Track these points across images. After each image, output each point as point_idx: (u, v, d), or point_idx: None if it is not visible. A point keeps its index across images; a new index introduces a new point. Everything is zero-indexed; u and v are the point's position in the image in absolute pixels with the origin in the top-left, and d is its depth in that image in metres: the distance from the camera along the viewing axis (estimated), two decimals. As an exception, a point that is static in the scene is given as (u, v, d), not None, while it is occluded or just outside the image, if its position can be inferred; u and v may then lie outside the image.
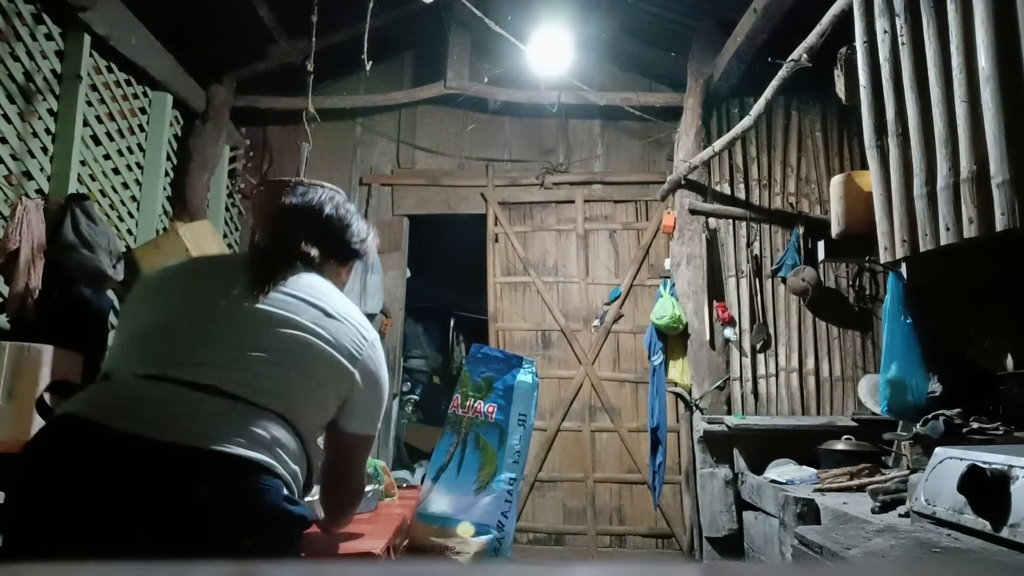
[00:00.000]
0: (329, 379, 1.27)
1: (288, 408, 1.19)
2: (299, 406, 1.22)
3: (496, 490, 3.00)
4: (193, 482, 1.04)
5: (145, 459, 1.03)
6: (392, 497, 3.18)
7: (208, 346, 1.19)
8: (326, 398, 1.28)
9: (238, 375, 1.16)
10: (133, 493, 1.02)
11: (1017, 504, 1.53)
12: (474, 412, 3.19)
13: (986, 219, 1.96)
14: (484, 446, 3.10)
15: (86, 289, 3.10)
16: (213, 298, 1.26)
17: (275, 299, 1.24)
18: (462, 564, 2.20)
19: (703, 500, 4.16)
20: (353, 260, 1.54)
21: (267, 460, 1.11)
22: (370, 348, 1.34)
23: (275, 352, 1.21)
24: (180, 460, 1.04)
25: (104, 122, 3.58)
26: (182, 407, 1.10)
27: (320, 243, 1.42)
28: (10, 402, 2.42)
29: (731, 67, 4.18)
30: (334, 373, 1.27)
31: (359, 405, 1.33)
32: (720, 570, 0.51)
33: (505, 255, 4.88)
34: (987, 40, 1.94)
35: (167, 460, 1.04)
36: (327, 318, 1.28)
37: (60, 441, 1.07)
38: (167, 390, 1.12)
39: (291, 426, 1.19)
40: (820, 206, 4.43)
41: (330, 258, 1.45)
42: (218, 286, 1.28)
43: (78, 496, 1.02)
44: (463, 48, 4.86)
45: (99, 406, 1.10)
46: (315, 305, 1.28)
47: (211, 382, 1.13)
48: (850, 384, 4.25)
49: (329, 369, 1.26)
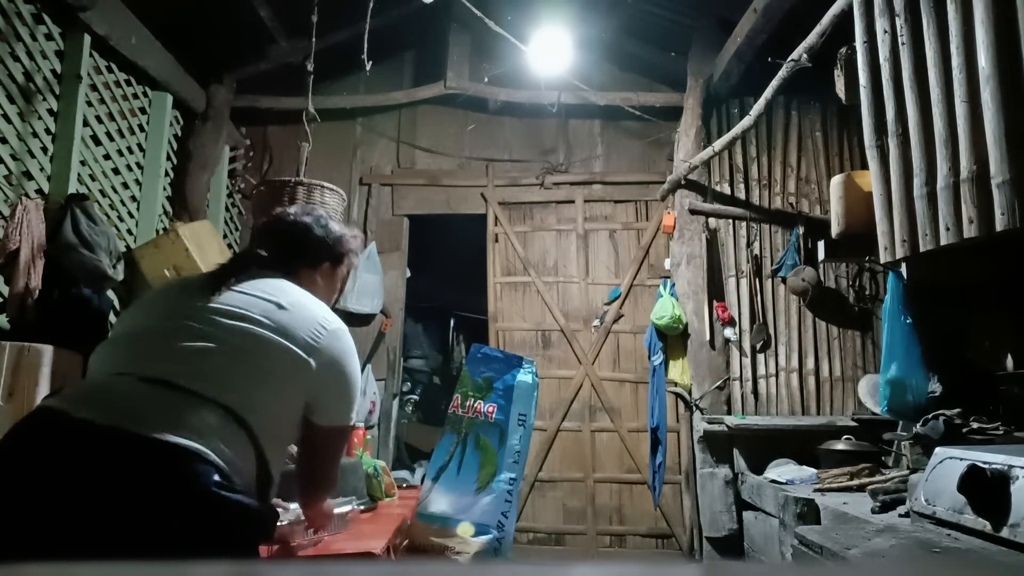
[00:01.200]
0: (283, 370, 1.29)
1: (238, 400, 1.22)
2: (250, 398, 1.24)
3: (496, 490, 3.00)
4: (123, 464, 1.09)
5: (91, 443, 1.11)
6: (392, 497, 3.19)
7: (166, 344, 1.27)
8: (282, 390, 1.30)
9: (185, 367, 1.22)
10: (78, 476, 1.08)
11: (1017, 504, 1.53)
12: (474, 412, 3.19)
13: (986, 219, 1.96)
14: (484, 446, 3.10)
15: (86, 289, 3.10)
16: (179, 304, 1.36)
17: (228, 297, 1.32)
18: (462, 564, 2.20)
19: (703, 500, 4.16)
20: (325, 263, 1.56)
21: (195, 446, 1.12)
22: (331, 336, 1.35)
23: (224, 344, 1.26)
24: (116, 444, 1.10)
25: (104, 122, 3.58)
26: (131, 398, 1.18)
27: (283, 248, 1.50)
28: (10, 402, 2.42)
29: (731, 67, 4.18)
30: (289, 364, 1.29)
31: (325, 396, 1.36)
32: (720, 570, 0.51)
33: (505, 255, 4.88)
34: (987, 40, 1.94)
35: (107, 444, 1.10)
36: (280, 310, 1.32)
37: (28, 430, 1.16)
38: (124, 382, 1.21)
39: (238, 417, 1.21)
40: (820, 206, 4.43)
41: (297, 262, 1.50)
42: (186, 294, 1.37)
43: (35, 479, 1.09)
44: (463, 48, 4.86)
45: (69, 398, 1.19)
46: (268, 300, 1.33)
47: (160, 375, 1.20)
48: (850, 384, 4.25)
49: (282, 360, 1.29)
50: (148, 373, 1.21)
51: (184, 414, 1.16)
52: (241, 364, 1.26)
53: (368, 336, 4.77)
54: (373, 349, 4.76)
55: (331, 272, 1.59)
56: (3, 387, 2.42)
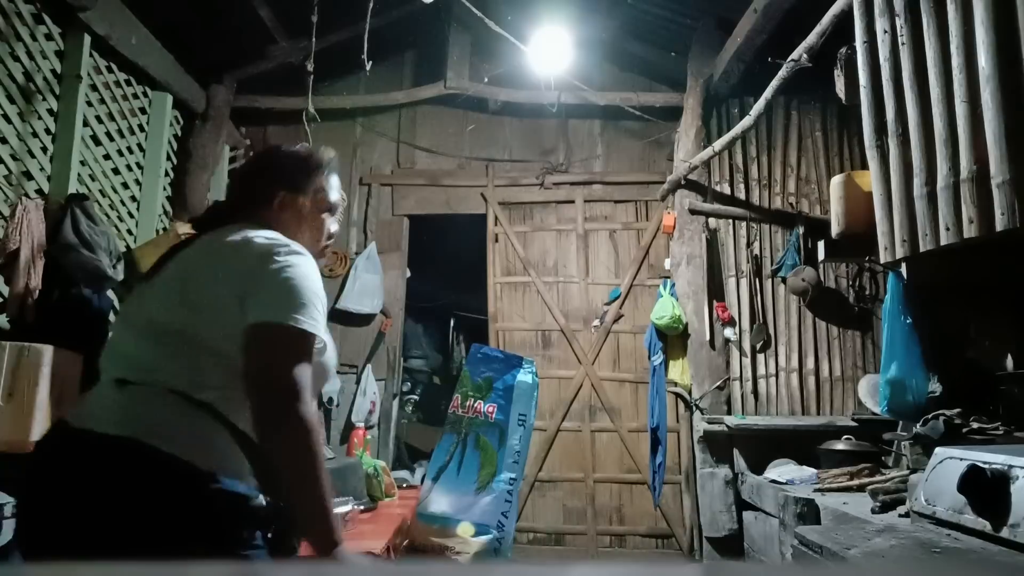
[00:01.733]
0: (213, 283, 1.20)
1: (176, 373, 1.17)
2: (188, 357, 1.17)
3: (496, 490, 3.01)
4: (83, 463, 1.12)
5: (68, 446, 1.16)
6: (392, 497, 3.19)
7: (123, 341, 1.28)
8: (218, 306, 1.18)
9: (125, 360, 1.23)
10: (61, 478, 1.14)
11: (1017, 504, 1.53)
12: (474, 412, 3.19)
13: (986, 219, 1.96)
14: (484, 446, 3.11)
15: (86, 289, 3.10)
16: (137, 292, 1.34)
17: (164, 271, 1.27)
18: (462, 564, 2.20)
19: (703, 500, 4.16)
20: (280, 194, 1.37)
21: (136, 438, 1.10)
22: (262, 238, 1.23)
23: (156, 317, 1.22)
24: (81, 444, 1.14)
25: (104, 122, 3.58)
26: (100, 400, 1.22)
27: (232, 197, 1.48)
28: (10, 402, 2.42)
29: (731, 67, 4.18)
30: (218, 273, 1.21)
31: (255, 287, 1.17)
32: (720, 570, 0.51)
33: (505, 255, 4.88)
34: (987, 40, 1.94)
35: (79, 448, 1.14)
36: (210, 246, 1.27)
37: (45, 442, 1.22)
38: (104, 386, 1.23)
39: (186, 396, 1.15)
40: (820, 206, 4.42)
41: (250, 207, 1.36)
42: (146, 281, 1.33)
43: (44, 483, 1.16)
44: (463, 48, 4.86)
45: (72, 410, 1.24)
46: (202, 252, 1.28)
47: (119, 374, 1.21)
48: (850, 384, 4.25)
49: (210, 274, 1.21)
50: (113, 374, 1.21)
51: (129, 406, 1.16)
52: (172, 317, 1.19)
53: (368, 336, 4.77)
54: (373, 349, 4.76)
55: (293, 203, 1.37)
56: (3, 387, 2.42)
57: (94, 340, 3.15)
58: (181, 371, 1.17)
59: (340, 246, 4.79)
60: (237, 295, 1.17)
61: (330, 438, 4.63)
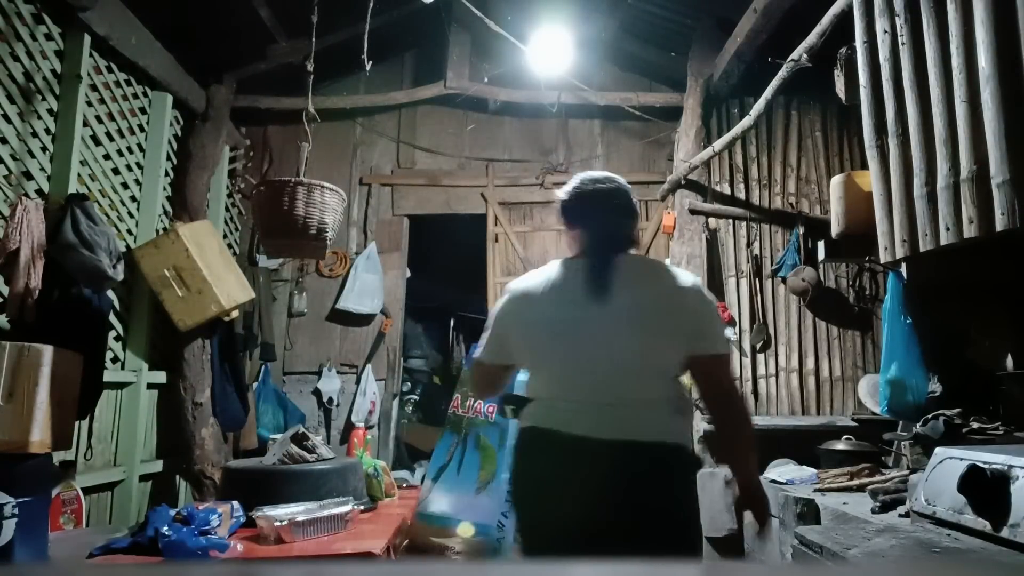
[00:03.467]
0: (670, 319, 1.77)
1: (665, 391, 1.76)
2: (664, 379, 1.78)
3: (496, 490, 3.00)
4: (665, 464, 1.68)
5: (638, 451, 1.63)
6: (392, 497, 3.19)
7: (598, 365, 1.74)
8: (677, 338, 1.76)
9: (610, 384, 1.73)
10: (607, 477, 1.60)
11: (1017, 504, 1.53)
12: (474, 412, 3.19)
13: (986, 219, 1.96)
14: (484, 446, 3.10)
15: (86, 289, 3.10)
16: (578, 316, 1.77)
17: (616, 297, 1.73)
18: (462, 564, 2.20)
19: (703, 500, 4.13)
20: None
21: (680, 444, 1.77)
22: (690, 279, 1.89)
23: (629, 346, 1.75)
24: (654, 450, 1.65)
25: (104, 122, 3.58)
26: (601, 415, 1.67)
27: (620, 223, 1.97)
28: (10, 402, 2.41)
29: (731, 67, 4.18)
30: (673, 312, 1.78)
31: (709, 325, 1.85)
32: (720, 570, 0.51)
33: (505, 255, 4.88)
34: (987, 40, 1.94)
35: (649, 451, 1.65)
36: (655, 284, 1.80)
37: (534, 442, 1.72)
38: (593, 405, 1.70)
39: (677, 410, 1.78)
40: (820, 206, 4.42)
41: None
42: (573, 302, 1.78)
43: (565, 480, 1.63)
44: (463, 48, 4.86)
45: (551, 420, 1.70)
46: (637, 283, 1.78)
47: (612, 394, 1.71)
48: (850, 384, 4.25)
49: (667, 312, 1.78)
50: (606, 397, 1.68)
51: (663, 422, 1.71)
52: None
53: (368, 336, 4.76)
54: (373, 349, 4.76)
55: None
56: (3, 387, 2.42)
57: (94, 340, 3.15)
58: (666, 389, 1.70)
59: (340, 246, 4.79)
60: (687, 332, 1.72)
61: (330, 438, 4.64)
